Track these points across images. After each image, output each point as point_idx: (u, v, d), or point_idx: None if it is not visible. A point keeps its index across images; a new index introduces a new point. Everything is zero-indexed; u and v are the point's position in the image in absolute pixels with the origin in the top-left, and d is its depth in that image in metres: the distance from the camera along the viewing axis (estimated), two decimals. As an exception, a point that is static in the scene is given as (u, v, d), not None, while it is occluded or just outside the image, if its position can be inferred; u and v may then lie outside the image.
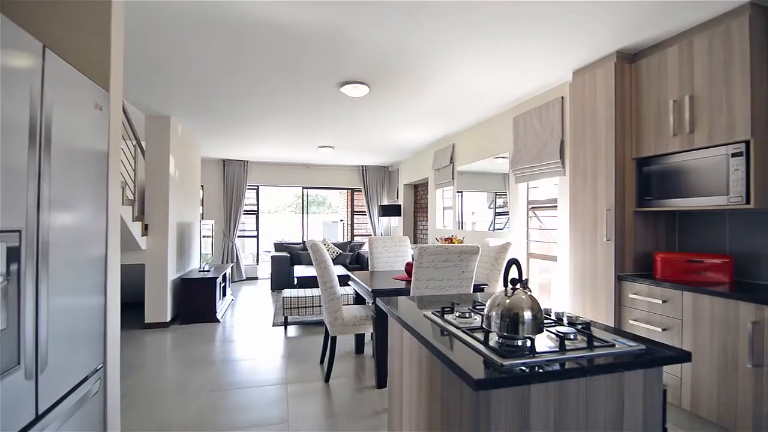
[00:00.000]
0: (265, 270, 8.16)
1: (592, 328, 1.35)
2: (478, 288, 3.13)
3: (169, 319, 4.60)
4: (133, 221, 4.06)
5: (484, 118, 4.68)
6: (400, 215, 7.92)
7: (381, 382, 2.89)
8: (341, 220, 9.57)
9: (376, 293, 2.80)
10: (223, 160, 7.73)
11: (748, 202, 2.09)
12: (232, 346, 3.88)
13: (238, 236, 7.82)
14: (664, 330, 2.38)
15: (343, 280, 5.29)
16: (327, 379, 3.03)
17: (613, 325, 2.64)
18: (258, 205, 8.29)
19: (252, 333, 4.33)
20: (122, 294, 4.60)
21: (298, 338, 4.14)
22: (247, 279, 8.02)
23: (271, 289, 6.88)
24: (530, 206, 4.13)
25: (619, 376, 1.12)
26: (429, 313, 1.57)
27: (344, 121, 4.81)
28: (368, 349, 3.74)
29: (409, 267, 3.21)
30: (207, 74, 3.29)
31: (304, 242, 7.91)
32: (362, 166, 8.49)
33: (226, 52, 2.85)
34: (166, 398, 2.76)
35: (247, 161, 7.79)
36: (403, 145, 6.36)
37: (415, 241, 7.97)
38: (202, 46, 2.77)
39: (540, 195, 4.02)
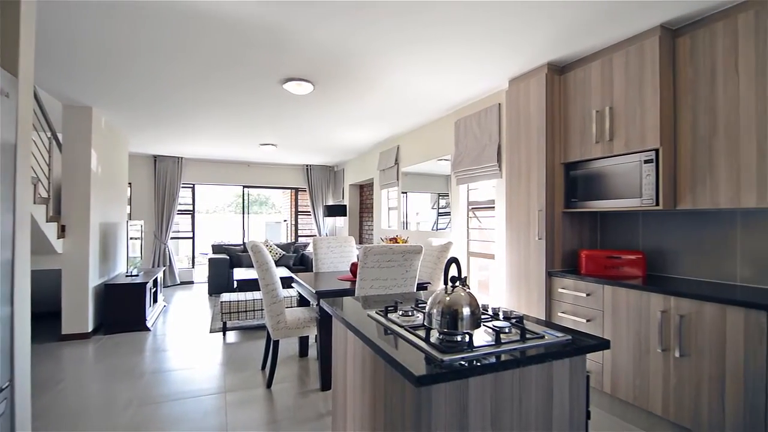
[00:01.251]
0: (201, 273, 7.75)
1: (525, 322, 1.44)
2: (422, 286, 3.21)
3: (90, 329, 4.20)
4: (47, 222, 3.66)
5: (427, 120, 4.80)
6: (345, 215, 7.89)
7: (325, 384, 2.85)
8: (285, 221, 9.33)
9: (320, 295, 2.76)
10: (155, 156, 7.21)
11: (657, 203, 2.34)
12: (165, 356, 3.63)
13: (172, 238, 7.33)
14: (588, 321, 2.59)
15: (287, 282, 5.16)
16: (269, 384, 2.94)
17: (544, 318, 2.83)
18: (194, 204, 7.83)
19: (187, 341, 4.08)
20: (34, 303, 4.12)
21: (238, 344, 3.97)
22: (182, 283, 7.54)
23: (209, 293, 6.53)
24: (470, 207, 4.30)
25: (549, 365, 1.20)
26: (373, 313, 1.58)
27: (288, 119, 4.69)
28: (312, 351, 3.68)
29: (354, 267, 3.21)
30: (137, 63, 3.05)
31: (244, 243, 7.60)
32: (307, 166, 8.34)
33: (159, 40, 2.66)
34: (89, 416, 2.52)
35: (182, 158, 7.33)
36: (349, 146, 6.34)
37: (360, 242, 7.97)
38: (131, 33, 2.56)
39: (479, 196, 4.20)
